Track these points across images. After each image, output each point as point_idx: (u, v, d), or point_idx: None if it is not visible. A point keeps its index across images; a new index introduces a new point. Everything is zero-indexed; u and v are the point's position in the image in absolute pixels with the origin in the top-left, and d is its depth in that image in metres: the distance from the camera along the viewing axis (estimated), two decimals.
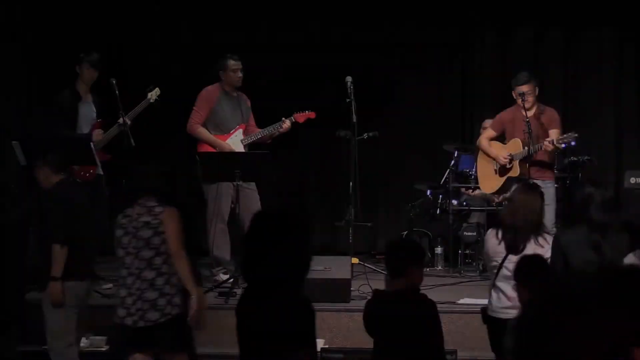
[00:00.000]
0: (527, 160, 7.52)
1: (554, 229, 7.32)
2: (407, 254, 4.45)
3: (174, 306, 5.17)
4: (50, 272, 5.80)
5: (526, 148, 7.49)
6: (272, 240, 3.24)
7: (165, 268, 5.17)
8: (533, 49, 10.11)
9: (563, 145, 7.38)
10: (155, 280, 5.15)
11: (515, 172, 7.65)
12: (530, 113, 7.58)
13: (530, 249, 5.11)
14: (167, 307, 5.14)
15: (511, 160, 7.67)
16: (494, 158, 7.82)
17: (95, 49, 7.96)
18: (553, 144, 7.30)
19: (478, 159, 8.22)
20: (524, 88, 7.56)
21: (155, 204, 5.25)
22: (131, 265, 5.18)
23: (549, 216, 7.54)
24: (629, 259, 5.51)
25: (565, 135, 7.35)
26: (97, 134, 7.54)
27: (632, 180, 8.61)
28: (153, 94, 7.71)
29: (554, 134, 7.46)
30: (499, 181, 7.86)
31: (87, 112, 7.64)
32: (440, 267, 8.85)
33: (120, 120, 7.52)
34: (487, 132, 8.02)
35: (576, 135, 7.41)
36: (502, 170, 7.81)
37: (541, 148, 7.37)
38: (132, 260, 5.18)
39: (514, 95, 7.71)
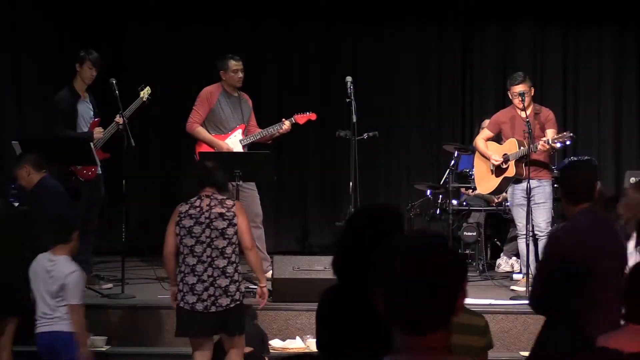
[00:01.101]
0: (524, 160, 7.53)
1: (548, 227, 7.37)
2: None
3: (240, 293, 5.58)
4: None
5: (522, 148, 7.50)
6: (375, 236, 3.06)
7: (234, 257, 5.55)
8: (533, 49, 10.12)
9: (558, 145, 7.37)
10: (226, 268, 5.50)
11: (511, 172, 7.66)
12: (527, 112, 7.59)
13: (631, 245, 5.25)
14: (237, 293, 5.53)
15: (507, 161, 7.68)
16: (489, 158, 7.85)
17: (94, 47, 7.97)
18: (548, 143, 7.31)
19: (474, 160, 8.22)
20: (521, 87, 7.56)
21: (224, 197, 5.60)
22: (202, 254, 5.49)
23: (545, 215, 7.57)
24: (631, 254, 5.60)
25: (560, 135, 7.36)
26: (98, 132, 7.55)
27: (632, 180, 8.59)
28: (145, 93, 7.73)
29: (550, 133, 7.47)
30: (495, 181, 7.86)
31: (85, 110, 7.65)
32: None
33: (120, 120, 7.52)
34: (483, 133, 8.03)
35: (572, 135, 7.41)
36: (498, 170, 7.81)
37: (537, 148, 7.38)
38: (204, 248, 5.50)
39: (509, 95, 7.71)
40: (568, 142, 7.43)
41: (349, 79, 7.74)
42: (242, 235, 5.56)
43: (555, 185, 8.25)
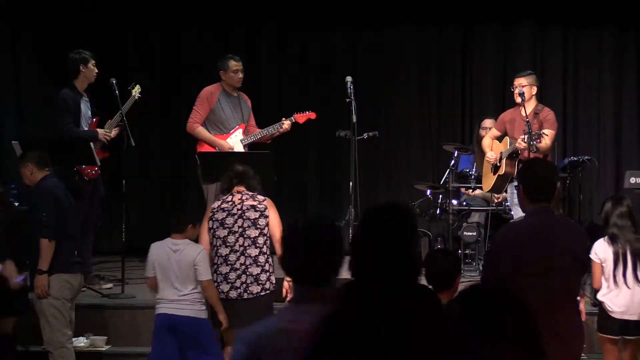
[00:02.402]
0: (517, 159, 7.54)
1: None
2: None
3: (271, 283, 5.80)
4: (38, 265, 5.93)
5: (511, 145, 7.53)
6: (396, 237, 2.99)
7: (265, 248, 5.79)
8: (533, 49, 10.11)
9: (533, 142, 7.35)
10: (258, 257, 5.75)
11: (502, 170, 7.69)
12: (528, 111, 7.61)
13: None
14: (267, 282, 5.76)
15: (500, 159, 7.72)
16: None
17: (94, 47, 7.98)
18: (524, 141, 7.35)
19: (483, 159, 8.27)
20: (520, 80, 7.64)
21: (254, 193, 5.88)
22: (235, 243, 5.72)
23: None
24: (599, 244, 5.83)
25: (534, 133, 7.37)
26: (102, 134, 7.57)
27: (632, 180, 8.60)
28: (135, 91, 7.78)
29: (547, 134, 7.49)
30: (492, 179, 7.92)
31: (86, 109, 7.67)
32: None
33: (119, 120, 7.54)
34: (492, 132, 8.09)
35: (541, 132, 7.40)
36: (495, 168, 7.87)
37: (537, 148, 7.38)
38: (237, 238, 5.75)
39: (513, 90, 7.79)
40: (543, 141, 7.41)
41: (349, 79, 7.74)
42: (274, 229, 5.80)
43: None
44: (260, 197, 5.87)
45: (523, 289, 3.96)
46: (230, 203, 5.80)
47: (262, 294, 5.71)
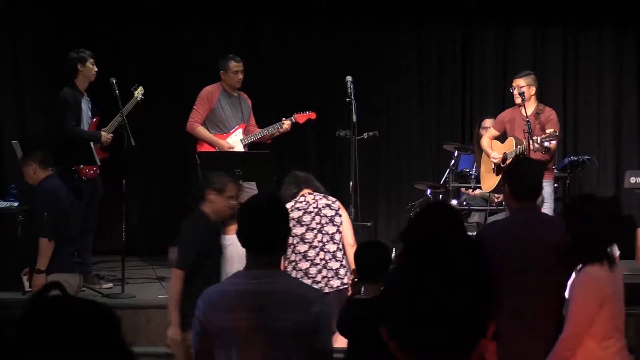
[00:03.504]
0: None
1: None
2: (381, 257, 4.11)
3: (349, 278, 5.76)
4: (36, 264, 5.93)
5: (520, 146, 7.52)
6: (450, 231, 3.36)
7: (341, 245, 5.91)
8: (533, 49, 10.11)
9: (547, 144, 7.35)
10: (336, 253, 5.86)
11: None
12: (529, 112, 7.61)
13: None
14: (345, 277, 5.84)
15: (505, 159, 7.71)
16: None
17: (94, 48, 7.98)
18: (538, 142, 7.34)
19: (482, 158, 8.25)
20: (516, 82, 7.66)
21: (325, 193, 6.01)
22: (314, 239, 5.84)
23: None
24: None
25: (546, 134, 7.37)
26: (106, 137, 7.58)
27: (632, 180, 8.60)
28: (138, 92, 7.79)
29: None
30: (495, 180, 7.91)
31: (86, 109, 7.67)
32: None
33: (120, 120, 7.54)
34: (490, 132, 8.07)
35: (556, 134, 7.41)
36: (499, 169, 7.85)
37: (536, 147, 7.38)
38: (315, 234, 5.84)
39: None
40: (554, 141, 7.42)
41: (349, 78, 7.74)
42: (345, 232, 5.91)
43: (556, 185, 8.28)
44: (332, 198, 6.01)
45: (502, 288, 3.96)
46: (304, 202, 5.89)
47: (341, 288, 5.77)
